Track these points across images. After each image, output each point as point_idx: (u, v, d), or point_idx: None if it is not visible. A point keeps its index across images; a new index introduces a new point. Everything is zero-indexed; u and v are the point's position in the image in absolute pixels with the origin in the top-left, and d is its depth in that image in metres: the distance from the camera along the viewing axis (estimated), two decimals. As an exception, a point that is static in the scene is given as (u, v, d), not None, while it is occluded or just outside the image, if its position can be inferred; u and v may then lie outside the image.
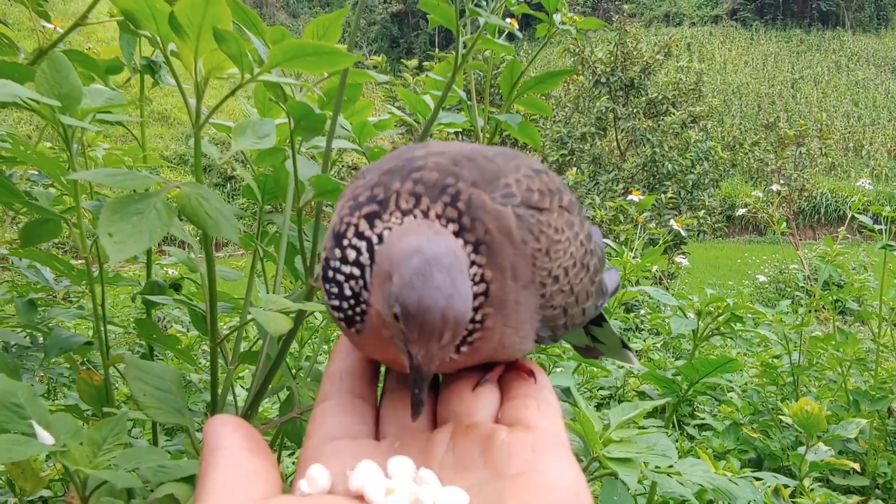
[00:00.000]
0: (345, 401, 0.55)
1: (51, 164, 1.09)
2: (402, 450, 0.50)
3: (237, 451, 0.47)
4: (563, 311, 0.60)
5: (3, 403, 0.64)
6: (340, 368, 0.57)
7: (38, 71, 0.87)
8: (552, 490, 0.43)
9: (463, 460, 0.48)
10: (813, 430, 2.12)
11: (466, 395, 0.55)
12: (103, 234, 0.60)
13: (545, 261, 0.56)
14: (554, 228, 0.58)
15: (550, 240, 0.57)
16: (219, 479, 0.45)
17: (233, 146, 0.85)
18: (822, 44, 44.26)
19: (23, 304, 1.53)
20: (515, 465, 0.46)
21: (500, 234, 0.53)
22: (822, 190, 24.36)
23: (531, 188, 0.57)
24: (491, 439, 0.49)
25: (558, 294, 0.59)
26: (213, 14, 0.65)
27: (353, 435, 0.53)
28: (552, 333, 0.60)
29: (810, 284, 3.79)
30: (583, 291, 0.63)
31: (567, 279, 0.59)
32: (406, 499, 0.44)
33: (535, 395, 0.54)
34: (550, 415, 0.52)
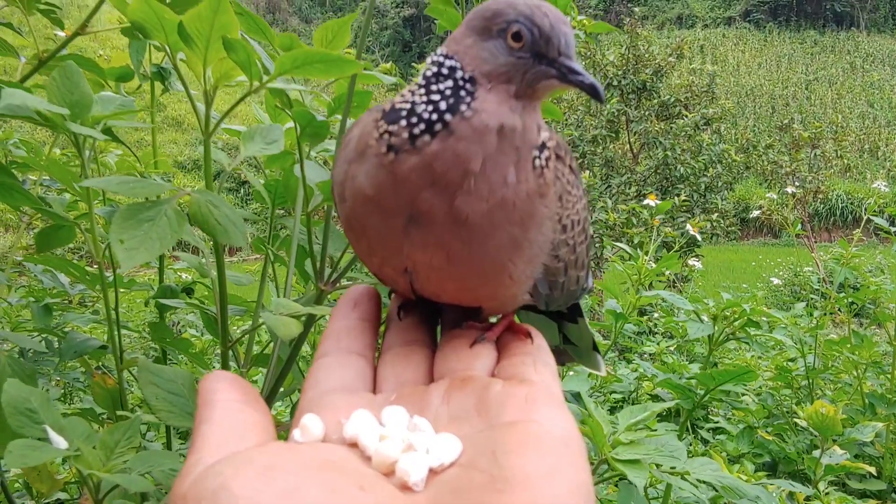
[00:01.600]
0: (342, 357, 0.56)
1: (63, 171, 1.10)
2: (397, 402, 0.51)
3: (230, 403, 0.48)
4: (564, 269, 0.62)
5: (17, 409, 0.65)
6: (340, 327, 0.58)
7: (49, 79, 0.88)
8: (544, 437, 0.44)
9: (457, 411, 0.49)
10: (828, 433, 2.10)
11: (464, 351, 0.56)
12: (115, 241, 0.61)
13: (558, 206, 0.58)
14: (567, 179, 0.60)
15: (565, 188, 0.59)
16: (212, 430, 0.46)
17: (242, 152, 0.86)
18: (836, 45, 43.93)
19: (39, 308, 1.55)
20: (509, 415, 0.46)
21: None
22: (838, 192, 24.14)
23: (552, 137, 0.59)
24: (485, 391, 0.49)
25: (563, 246, 0.60)
26: (222, 23, 0.66)
27: (349, 389, 0.53)
28: (549, 291, 0.61)
29: (826, 287, 3.76)
30: (581, 255, 0.65)
31: (573, 233, 0.61)
32: (399, 445, 0.44)
33: (532, 354, 0.55)
34: (546, 372, 0.53)
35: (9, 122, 3.66)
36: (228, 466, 0.40)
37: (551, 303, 0.63)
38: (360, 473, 0.42)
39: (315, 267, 0.95)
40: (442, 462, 0.43)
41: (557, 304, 0.65)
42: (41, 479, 1.13)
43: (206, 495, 0.39)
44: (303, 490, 0.38)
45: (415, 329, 0.61)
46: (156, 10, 0.65)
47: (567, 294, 0.65)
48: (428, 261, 0.55)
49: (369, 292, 0.61)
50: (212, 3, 0.64)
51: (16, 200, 0.98)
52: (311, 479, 0.39)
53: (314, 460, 0.42)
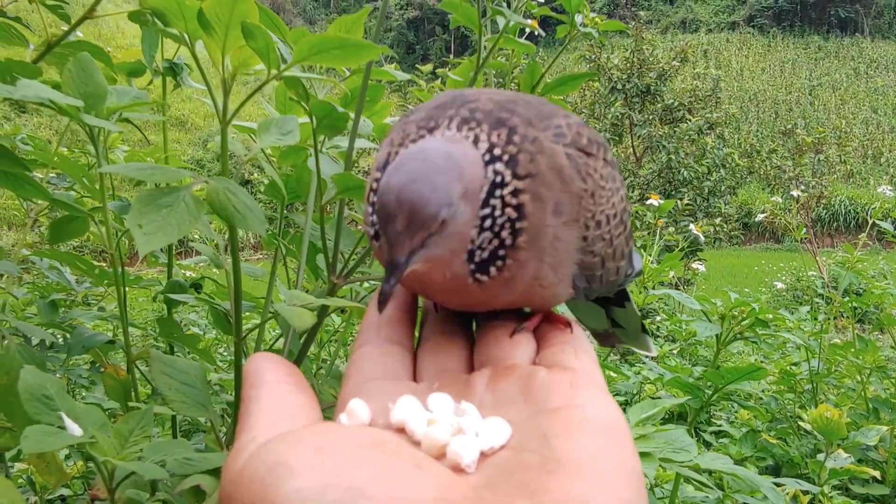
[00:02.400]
0: (383, 346, 0.56)
1: (72, 166, 1.10)
2: (440, 390, 0.51)
3: (279, 384, 0.48)
4: (602, 262, 0.61)
5: (33, 395, 0.65)
6: (377, 316, 0.58)
7: (63, 70, 0.88)
8: (593, 422, 0.43)
9: (502, 398, 0.49)
10: (833, 436, 2.10)
11: (504, 340, 0.56)
12: (133, 226, 0.61)
13: (590, 203, 0.57)
14: (600, 175, 0.59)
15: (596, 184, 0.58)
16: (263, 410, 0.45)
17: (257, 143, 0.86)
18: (840, 50, 43.95)
19: (45, 304, 1.55)
20: (555, 401, 0.46)
21: (550, 169, 0.55)
22: (841, 197, 24.14)
23: (580, 133, 0.59)
24: (530, 379, 0.49)
25: (599, 241, 0.59)
26: (242, 10, 0.66)
27: (392, 377, 0.53)
28: (588, 285, 0.61)
29: (829, 291, 3.76)
30: (619, 246, 0.64)
31: (608, 227, 0.61)
32: (448, 429, 0.44)
33: (573, 343, 0.55)
34: (587, 360, 0.53)
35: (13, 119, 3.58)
36: (283, 444, 0.40)
37: (591, 294, 0.63)
38: (413, 454, 0.42)
39: (327, 260, 0.95)
40: (492, 445, 0.43)
41: (599, 293, 0.65)
42: (49, 470, 1.13)
43: (263, 470, 0.39)
44: (360, 467, 0.38)
45: (451, 320, 0.60)
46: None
47: (608, 284, 0.65)
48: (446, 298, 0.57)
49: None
50: (232, -10, 0.64)
51: (27, 192, 0.98)
52: (367, 457, 0.39)
53: (367, 440, 0.41)
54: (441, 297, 0.57)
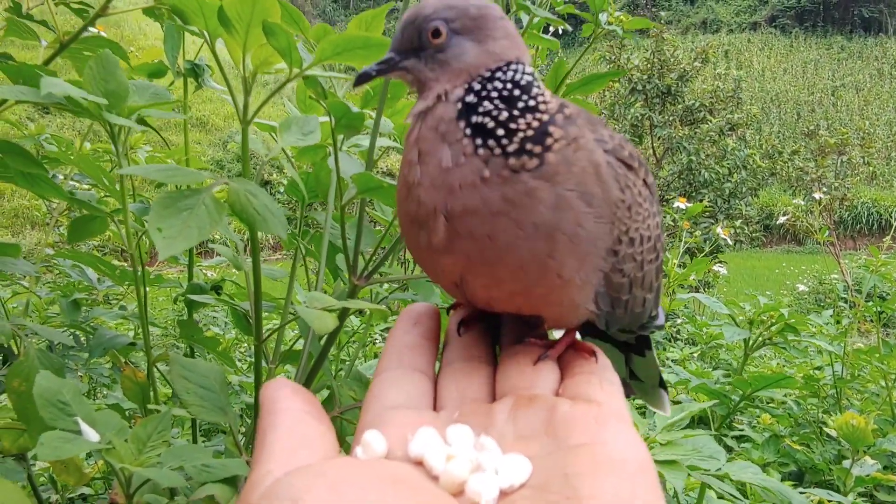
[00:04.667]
0: (404, 373, 0.55)
1: (94, 166, 1.10)
2: (461, 420, 0.50)
3: (296, 413, 0.47)
4: (629, 286, 0.59)
5: (49, 401, 0.64)
6: (400, 344, 0.57)
7: (85, 68, 0.88)
8: (618, 462, 0.42)
9: (524, 430, 0.48)
10: (859, 443, 2.06)
11: (527, 369, 0.55)
12: (153, 230, 0.60)
13: (626, 215, 0.56)
14: (639, 191, 0.59)
15: (634, 199, 0.58)
16: (278, 440, 0.45)
17: (279, 142, 0.85)
18: (863, 51, 43.42)
19: (67, 304, 1.55)
20: (579, 436, 0.45)
21: (589, 163, 0.54)
22: (864, 199, 23.83)
23: (623, 146, 0.58)
24: (553, 411, 0.48)
25: (630, 260, 0.58)
26: (262, 8, 0.65)
27: (411, 405, 0.52)
28: (611, 309, 0.59)
29: (852, 295, 3.70)
30: (649, 275, 0.62)
31: (641, 248, 0.59)
32: (467, 465, 0.43)
33: (598, 373, 0.54)
34: (612, 391, 0.52)
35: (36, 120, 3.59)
36: (299, 479, 0.39)
37: (613, 322, 0.61)
38: (430, 492, 0.41)
39: (348, 261, 0.94)
40: (512, 483, 0.42)
41: (621, 326, 0.63)
42: (69, 471, 1.13)
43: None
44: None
45: (475, 345, 0.59)
46: (196, -5, 0.64)
47: (632, 316, 0.63)
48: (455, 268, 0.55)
49: (429, 310, 0.61)
50: (253, -12, 0.62)
51: (44, 191, 0.97)
52: (385, 494, 0.38)
53: (384, 476, 0.40)
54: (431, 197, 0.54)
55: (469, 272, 0.54)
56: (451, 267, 0.55)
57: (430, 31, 0.56)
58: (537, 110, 0.54)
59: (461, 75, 0.56)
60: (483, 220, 0.52)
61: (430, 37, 0.56)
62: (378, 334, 3.57)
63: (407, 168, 0.55)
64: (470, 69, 0.56)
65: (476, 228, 0.52)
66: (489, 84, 0.55)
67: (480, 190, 0.52)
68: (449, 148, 0.53)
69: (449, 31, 0.56)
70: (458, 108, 0.54)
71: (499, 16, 0.58)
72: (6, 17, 1.09)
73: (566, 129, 0.54)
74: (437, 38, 0.56)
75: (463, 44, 0.56)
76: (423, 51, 0.57)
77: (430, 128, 0.55)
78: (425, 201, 0.54)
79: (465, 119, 0.54)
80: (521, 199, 0.51)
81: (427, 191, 0.53)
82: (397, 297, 1.24)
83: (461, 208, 0.52)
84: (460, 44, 0.56)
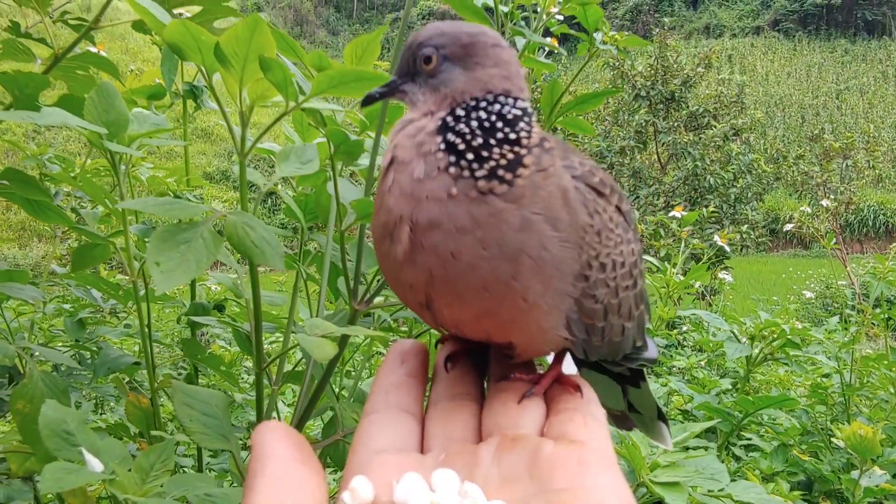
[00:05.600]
0: (391, 414, 0.55)
1: (96, 188, 1.11)
2: (446, 462, 0.50)
3: (284, 460, 0.47)
4: (604, 313, 0.59)
5: (54, 431, 0.65)
6: (387, 383, 0.57)
7: (87, 98, 0.89)
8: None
9: (508, 474, 0.48)
10: (867, 454, 2.05)
11: (512, 407, 0.55)
12: (151, 264, 0.61)
13: (595, 240, 0.57)
14: (609, 216, 0.59)
15: (604, 224, 0.58)
16: (265, 488, 0.45)
17: (277, 171, 0.86)
18: (867, 53, 43.34)
19: (72, 323, 1.56)
20: (561, 480, 0.45)
21: (556, 188, 0.55)
22: (870, 203, 23.76)
23: (594, 172, 0.59)
24: (536, 453, 0.48)
25: (602, 286, 0.58)
26: (258, 44, 0.66)
27: (398, 448, 0.53)
28: (587, 336, 0.59)
29: (860, 301, 3.69)
30: (627, 302, 0.62)
31: (614, 275, 0.59)
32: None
33: (582, 410, 0.54)
34: (597, 430, 0.52)
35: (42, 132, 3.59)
36: None
37: (591, 351, 0.61)
38: None
39: (348, 285, 0.94)
40: None
41: (600, 355, 0.63)
42: (73, 494, 1.14)
43: None
44: None
45: (461, 382, 0.60)
46: (192, 32, 0.65)
47: (610, 345, 0.62)
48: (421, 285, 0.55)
49: (416, 347, 0.61)
50: (249, 24, 0.63)
51: (51, 219, 0.99)
52: None
53: None
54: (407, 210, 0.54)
55: (432, 289, 0.55)
56: (414, 281, 0.55)
57: (422, 58, 0.58)
58: (518, 143, 0.55)
59: (446, 100, 0.57)
60: (447, 236, 0.52)
61: (423, 63, 0.58)
62: (382, 348, 3.57)
63: (381, 175, 0.57)
64: (455, 95, 0.57)
65: (440, 244, 0.52)
66: (472, 112, 0.56)
67: (447, 205, 0.53)
68: (423, 159, 0.54)
69: (440, 58, 0.58)
70: (438, 125, 0.56)
71: (491, 43, 0.59)
72: (3, 39, 1.11)
73: (540, 158, 0.55)
74: (429, 65, 0.58)
75: (453, 70, 0.58)
76: (418, 75, 0.59)
77: (408, 135, 0.56)
78: (393, 209, 0.55)
79: (443, 135, 0.55)
80: (486, 219, 0.52)
81: (396, 199, 0.55)
82: (401, 316, 1.24)
83: (426, 221, 0.53)
84: (450, 70, 0.58)
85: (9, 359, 1.02)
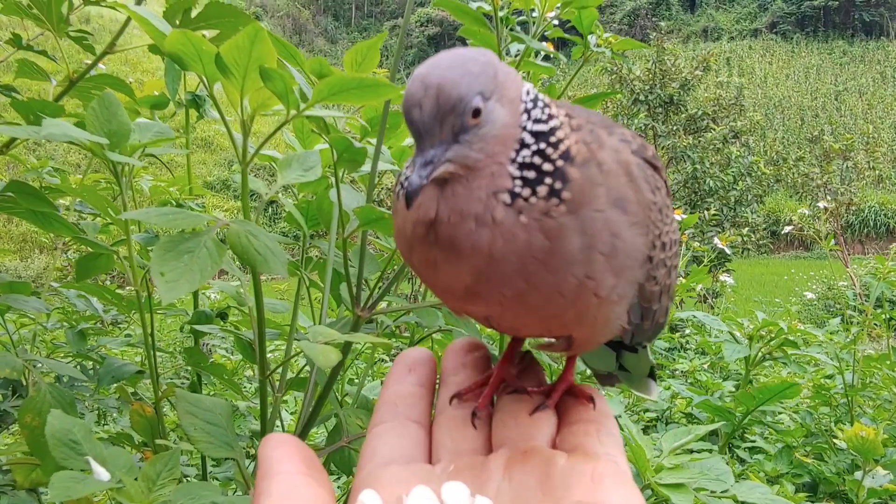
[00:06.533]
0: (398, 425, 0.54)
1: (99, 198, 1.11)
2: (456, 474, 0.49)
3: (292, 476, 0.46)
4: (659, 295, 0.57)
5: (61, 440, 0.65)
6: (395, 393, 0.56)
7: (88, 109, 0.89)
8: None
9: (520, 488, 0.47)
10: (869, 455, 2.05)
11: (523, 418, 0.53)
12: (156, 274, 0.61)
13: (658, 218, 0.54)
14: (665, 192, 0.56)
15: (664, 202, 0.55)
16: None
17: (279, 180, 0.87)
18: (865, 55, 43.41)
19: (73, 334, 1.56)
20: (575, 495, 0.44)
21: (616, 163, 0.52)
22: (871, 203, 23.78)
23: (645, 146, 0.56)
24: (549, 466, 0.47)
25: (661, 266, 0.56)
26: (259, 53, 0.66)
27: (406, 459, 0.51)
28: (641, 321, 0.56)
29: (861, 302, 3.69)
30: (673, 284, 0.60)
31: (670, 254, 0.57)
32: None
33: (596, 422, 0.53)
34: (611, 444, 0.50)
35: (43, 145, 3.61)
36: None
37: (639, 335, 0.58)
38: None
39: (351, 292, 0.95)
40: None
41: (643, 339, 0.61)
42: (79, 501, 1.14)
43: None
44: None
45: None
46: (193, 42, 0.66)
47: (655, 328, 0.60)
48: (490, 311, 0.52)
49: (424, 356, 0.59)
50: (249, 34, 0.64)
51: (55, 230, 0.99)
52: None
53: None
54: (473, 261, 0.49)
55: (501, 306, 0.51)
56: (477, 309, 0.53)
57: (471, 112, 0.49)
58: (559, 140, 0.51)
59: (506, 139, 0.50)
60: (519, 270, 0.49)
61: (472, 118, 0.49)
62: (385, 354, 3.56)
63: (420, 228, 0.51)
64: (507, 132, 0.50)
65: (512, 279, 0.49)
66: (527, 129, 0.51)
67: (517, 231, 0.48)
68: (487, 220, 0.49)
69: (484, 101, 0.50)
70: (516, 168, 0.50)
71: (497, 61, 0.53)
72: (18, 59, 1.11)
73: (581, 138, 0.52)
74: (478, 117, 0.49)
75: (495, 109, 0.50)
76: (465, 133, 0.49)
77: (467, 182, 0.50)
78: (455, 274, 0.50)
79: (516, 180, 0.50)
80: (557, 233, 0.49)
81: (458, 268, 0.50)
82: (404, 321, 1.24)
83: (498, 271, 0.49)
84: (493, 110, 0.50)
85: (17, 372, 1.03)
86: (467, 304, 0.52)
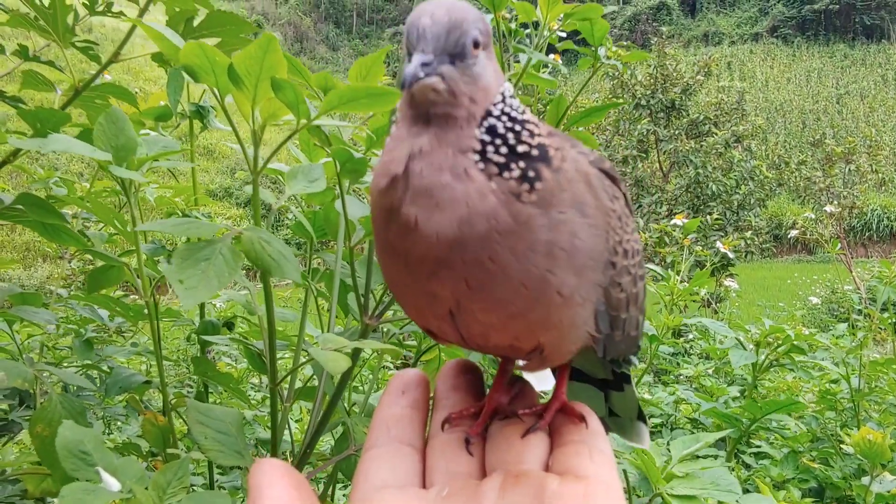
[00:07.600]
0: (392, 448, 0.54)
1: (106, 211, 1.12)
2: (450, 499, 0.49)
3: (283, 501, 0.46)
4: (626, 303, 0.58)
5: (71, 451, 0.65)
6: (388, 415, 0.56)
7: (96, 124, 0.90)
8: None
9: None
10: (876, 459, 2.04)
11: (516, 441, 0.54)
12: (175, 281, 0.62)
13: (618, 225, 0.56)
14: (623, 203, 0.58)
15: (623, 210, 0.57)
16: None
17: (286, 191, 0.87)
18: (866, 58, 43.44)
19: (80, 343, 1.57)
20: None
21: (576, 172, 0.53)
22: (873, 206, 23.75)
23: (602, 159, 0.58)
24: (541, 489, 0.47)
25: (626, 274, 0.57)
26: (270, 64, 0.67)
27: (399, 483, 0.51)
28: (611, 331, 0.57)
29: (866, 306, 3.68)
30: (641, 294, 0.61)
31: (634, 262, 0.58)
32: None
33: (587, 442, 0.53)
34: (603, 463, 0.51)
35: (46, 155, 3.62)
36: None
37: (611, 348, 0.59)
38: None
39: (359, 300, 0.95)
40: None
41: (617, 353, 0.61)
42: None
43: None
44: None
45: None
46: (207, 54, 0.66)
47: (627, 341, 0.61)
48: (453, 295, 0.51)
49: (416, 378, 0.59)
50: (262, 44, 0.65)
51: (64, 241, 1.00)
52: None
53: None
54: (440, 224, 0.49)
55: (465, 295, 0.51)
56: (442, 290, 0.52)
57: (472, 41, 0.50)
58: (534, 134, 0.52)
59: (487, 95, 0.52)
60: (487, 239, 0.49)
61: (473, 46, 0.51)
62: (390, 361, 3.56)
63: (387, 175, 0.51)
64: (490, 88, 0.52)
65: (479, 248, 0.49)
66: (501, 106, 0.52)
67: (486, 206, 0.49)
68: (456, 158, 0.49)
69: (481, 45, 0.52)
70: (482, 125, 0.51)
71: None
72: (24, 70, 1.12)
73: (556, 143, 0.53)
74: (477, 49, 0.51)
75: (487, 61, 0.52)
76: (463, 60, 0.50)
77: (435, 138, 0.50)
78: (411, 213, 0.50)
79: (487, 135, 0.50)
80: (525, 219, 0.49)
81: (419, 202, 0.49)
82: (410, 330, 1.25)
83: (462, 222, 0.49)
84: (485, 60, 0.52)
85: (28, 383, 1.03)
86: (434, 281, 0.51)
